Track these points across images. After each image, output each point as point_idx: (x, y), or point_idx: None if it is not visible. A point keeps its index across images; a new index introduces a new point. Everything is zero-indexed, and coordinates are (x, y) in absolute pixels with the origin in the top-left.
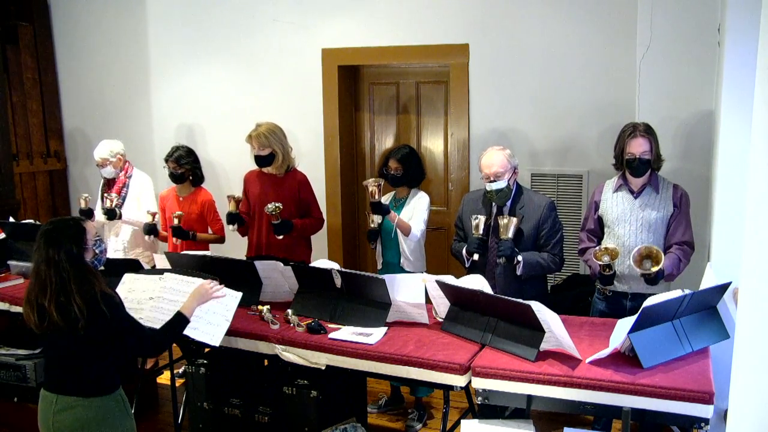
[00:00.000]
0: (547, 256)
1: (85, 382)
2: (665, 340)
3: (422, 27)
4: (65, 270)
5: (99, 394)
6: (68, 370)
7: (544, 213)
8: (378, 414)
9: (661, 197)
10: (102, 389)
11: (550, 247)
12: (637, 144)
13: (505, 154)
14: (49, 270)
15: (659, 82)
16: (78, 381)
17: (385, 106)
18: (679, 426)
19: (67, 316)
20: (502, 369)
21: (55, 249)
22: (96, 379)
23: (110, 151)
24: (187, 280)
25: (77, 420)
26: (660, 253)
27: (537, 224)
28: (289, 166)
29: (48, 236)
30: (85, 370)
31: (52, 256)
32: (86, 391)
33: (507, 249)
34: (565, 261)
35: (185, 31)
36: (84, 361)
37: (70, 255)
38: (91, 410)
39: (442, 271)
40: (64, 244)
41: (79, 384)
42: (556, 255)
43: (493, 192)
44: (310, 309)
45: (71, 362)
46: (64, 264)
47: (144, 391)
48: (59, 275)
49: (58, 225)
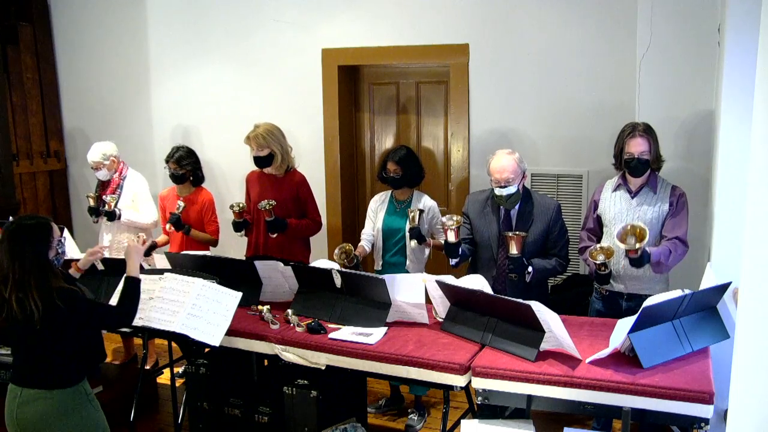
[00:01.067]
0: (555, 260)
1: (46, 374)
2: (665, 340)
3: (422, 27)
4: (27, 265)
5: (60, 387)
6: (31, 363)
7: (553, 216)
8: (378, 414)
9: (658, 197)
10: (63, 382)
11: (557, 249)
12: (636, 144)
13: (515, 159)
14: (13, 264)
15: (659, 82)
16: (40, 374)
17: (385, 106)
18: (679, 426)
19: (24, 310)
20: (502, 369)
21: (20, 245)
22: (57, 372)
23: (102, 154)
24: (187, 280)
25: (39, 413)
26: (645, 231)
27: (546, 228)
28: (288, 166)
29: (14, 232)
30: (47, 363)
31: (17, 251)
32: (48, 384)
33: (518, 267)
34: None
35: (185, 31)
36: (45, 354)
37: (34, 251)
38: (53, 403)
39: (442, 271)
40: (29, 240)
41: (41, 377)
42: (563, 258)
43: (503, 197)
44: (310, 309)
45: (33, 355)
46: (27, 259)
47: (144, 391)
48: (22, 269)
49: (26, 222)
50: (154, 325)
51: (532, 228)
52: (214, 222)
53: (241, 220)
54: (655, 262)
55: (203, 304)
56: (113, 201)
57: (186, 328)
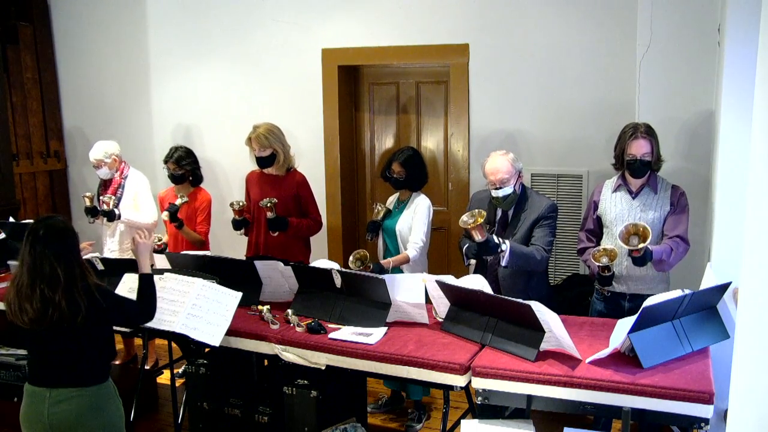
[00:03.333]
0: (533, 247)
1: (81, 372)
2: (665, 340)
3: (422, 27)
4: (71, 265)
5: (95, 383)
6: (63, 363)
7: (543, 212)
8: (378, 414)
9: (659, 197)
10: (97, 377)
11: (535, 238)
12: (638, 145)
13: (509, 159)
14: (59, 264)
15: (659, 82)
16: (74, 372)
17: (385, 106)
18: (679, 426)
19: (72, 308)
20: (502, 369)
21: (61, 246)
22: (91, 369)
23: (105, 152)
24: (187, 280)
25: (75, 411)
26: (647, 230)
27: (533, 222)
28: (289, 166)
29: (49, 235)
30: (81, 360)
31: (60, 252)
32: (83, 381)
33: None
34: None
35: (185, 31)
36: (81, 351)
37: (74, 251)
38: (88, 399)
39: (442, 271)
40: (66, 240)
41: (75, 375)
42: (542, 247)
43: (499, 198)
44: (310, 309)
45: (67, 354)
46: (70, 259)
47: (144, 391)
48: (67, 270)
49: (54, 223)
50: (154, 325)
51: (521, 227)
52: (206, 223)
53: (241, 218)
54: (657, 260)
55: (203, 304)
56: (110, 201)
57: (186, 328)
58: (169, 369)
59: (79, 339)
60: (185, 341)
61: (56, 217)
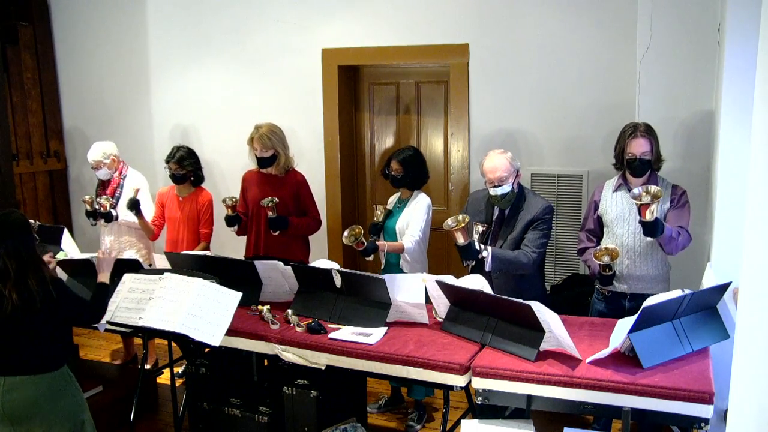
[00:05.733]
0: (519, 251)
1: (33, 360)
2: (665, 340)
3: (422, 27)
4: (23, 257)
5: (48, 370)
6: (14, 351)
7: (538, 213)
8: (378, 414)
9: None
10: (50, 366)
11: (526, 240)
12: (638, 144)
13: (507, 158)
14: (9, 259)
15: (659, 82)
16: (26, 360)
17: (385, 106)
18: (679, 426)
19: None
20: (502, 369)
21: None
22: (44, 357)
23: (103, 153)
24: (187, 280)
25: (29, 398)
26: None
27: (528, 222)
28: (288, 167)
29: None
30: (34, 349)
31: (11, 246)
32: (35, 369)
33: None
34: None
35: (185, 31)
36: (33, 341)
37: (26, 244)
38: (40, 387)
39: (442, 271)
40: (19, 234)
41: (27, 363)
42: (530, 249)
43: (497, 197)
44: (310, 309)
45: (18, 343)
46: (22, 252)
47: (144, 391)
48: (20, 262)
49: (8, 218)
50: (154, 325)
51: (517, 226)
52: (208, 225)
53: (233, 214)
54: (668, 236)
55: (203, 304)
56: (107, 202)
57: (186, 328)
58: (169, 369)
59: (31, 329)
60: (185, 341)
61: (13, 212)
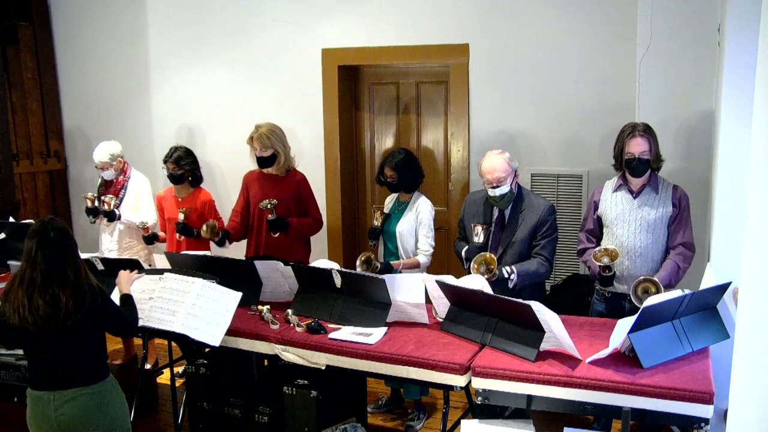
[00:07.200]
0: (537, 261)
1: (82, 371)
2: (665, 340)
3: (422, 27)
4: (77, 264)
5: (99, 380)
6: (63, 364)
7: (543, 215)
8: (378, 414)
9: (660, 197)
10: (98, 375)
11: (539, 247)
12: (636, 144)
13: (505, 158)
14: (68, 265)
15: (659, 82)
16: (75, 372)
17: (385, 106)
18: (679, 426)
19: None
20: (502, 369)
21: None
22: (91, 367)
23: (110, 154)
24: (187, 280)
25: (82, 410)
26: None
27: (534, 226)
28: (289, 166)
29: (59, 235)
30: (81, 360)
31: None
32: (87, 380)
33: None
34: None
35: (185, 31)
36: (79, 351)
37: (76, 250)
38: (94, 397)
39: (442, 271)
40: (71, 241)
41: (77, 374)
42: (545, 259)
43: (496, 197)
44: (310, 309)
45: (66, 355)
46: (76, 259)
47: (144, 391)
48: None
49: (51, 224)
50: (154, 325)
51: (521, 228)
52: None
53: (217, 239)
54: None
55: (203, 304)
56: (112, 201)
57: (186, 328)
58: (169, 369)
59: (77, 339)
60: (185, 341)
61: (57, 219)
